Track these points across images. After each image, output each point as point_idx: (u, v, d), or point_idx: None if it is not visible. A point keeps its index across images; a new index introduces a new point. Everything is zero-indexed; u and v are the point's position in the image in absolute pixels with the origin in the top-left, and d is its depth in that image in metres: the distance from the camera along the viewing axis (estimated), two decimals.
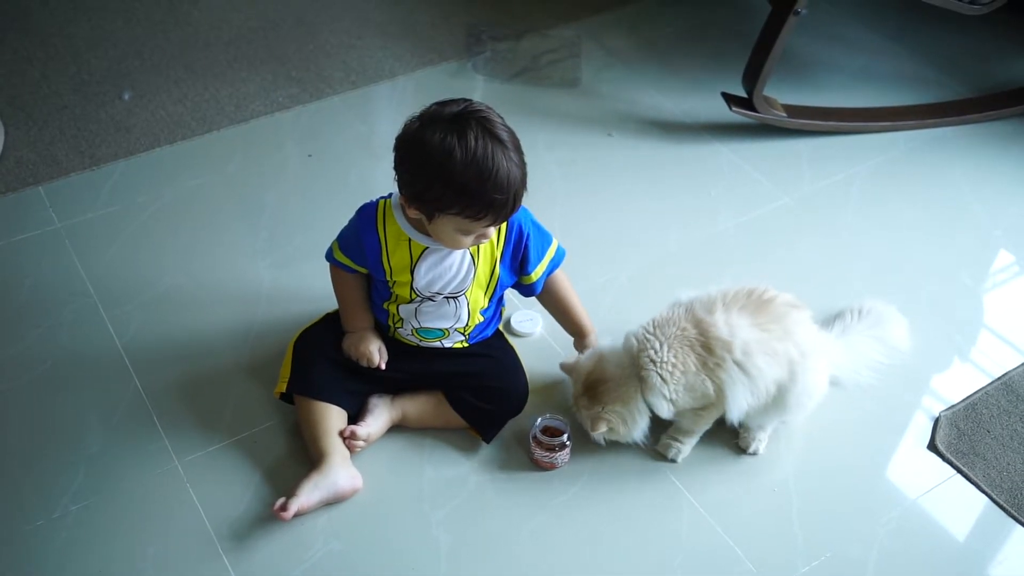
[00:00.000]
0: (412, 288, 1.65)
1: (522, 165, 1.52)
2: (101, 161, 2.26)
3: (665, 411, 1.63)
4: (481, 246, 1.64)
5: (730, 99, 2.38)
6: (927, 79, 2.66)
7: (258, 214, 2.15)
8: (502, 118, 1.52)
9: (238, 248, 2.07)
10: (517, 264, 1.70)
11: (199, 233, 2.10)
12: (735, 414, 1.63)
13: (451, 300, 1.67)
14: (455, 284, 1.65)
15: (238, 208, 2.17)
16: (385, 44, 2.66)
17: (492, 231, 1.57)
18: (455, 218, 1.51)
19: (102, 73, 2.50)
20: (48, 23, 2.65)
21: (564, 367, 1.76)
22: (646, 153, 2.38)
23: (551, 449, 1.68)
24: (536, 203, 2.20)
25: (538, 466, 1.71)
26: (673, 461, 1.72)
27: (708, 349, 1.60)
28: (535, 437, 1.68)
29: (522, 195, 1.54)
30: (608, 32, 2.76)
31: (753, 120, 2.41)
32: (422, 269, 1.63)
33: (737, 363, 1.59)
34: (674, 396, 1.61)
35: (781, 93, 2.44)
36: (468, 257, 1.64)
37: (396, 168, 1.53)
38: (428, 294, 1.65)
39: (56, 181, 2.20)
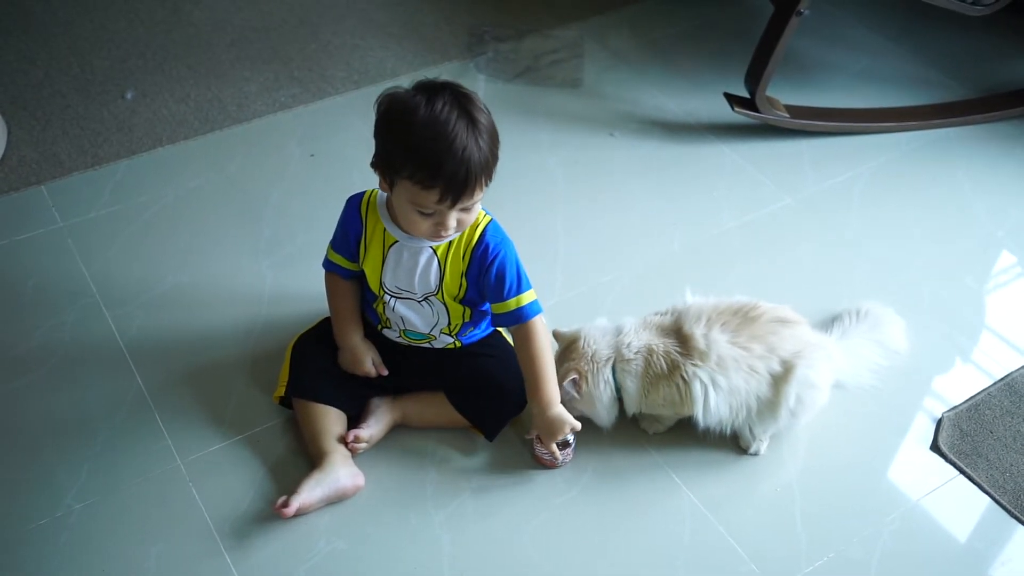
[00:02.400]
0: (381, 283, 1.64)
1: (490, 152, 1.46)
2: (103, 160, 2.26)
3: (631, 399, 1.68)
4: (450, 253, 1.60)
5: (733, 99, 2.38)
6: (929, 80, 2.66)
7: (260, 214, 2.15)
8: (487, 109, 1.49)
9: (240, 247, 2.07)
10: (482, 284, 1.62)
11: (201, 232, 2.10)
12: (703, 424, 1.67)
13: (424, 303, 1.65)
14: (420, 285, 1.62)
15: (240, 207, 2.17)
16: (387, 44, 2.66)
17: (451, 222, 1.49)
18: (407, 184, 1.46)
19: (104, 73, 2.51)
20: (51, 23, 2.65)
21: (556, 334, 1.76)
22: (648, 153, 2.38)
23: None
24: (538, 203, 2.22)
25: (541, 464, 1.71)
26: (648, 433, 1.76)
27: (684, 359, 1.64)
28: (538, 435, 1.68)
29: (479, 180, 1.46)
30: (610, 32, 2.76)
31: (756, 121, 2.41)
32: (390, 262, 1.62)
33: (709, 377, 1.63)
34: (640, 395, 1.67)
35: (784, 94, 2.44)
36: (435, 260, 1.60)
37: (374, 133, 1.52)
38: (394, 289, 1.64)
39: (59, 180, 2.20)
